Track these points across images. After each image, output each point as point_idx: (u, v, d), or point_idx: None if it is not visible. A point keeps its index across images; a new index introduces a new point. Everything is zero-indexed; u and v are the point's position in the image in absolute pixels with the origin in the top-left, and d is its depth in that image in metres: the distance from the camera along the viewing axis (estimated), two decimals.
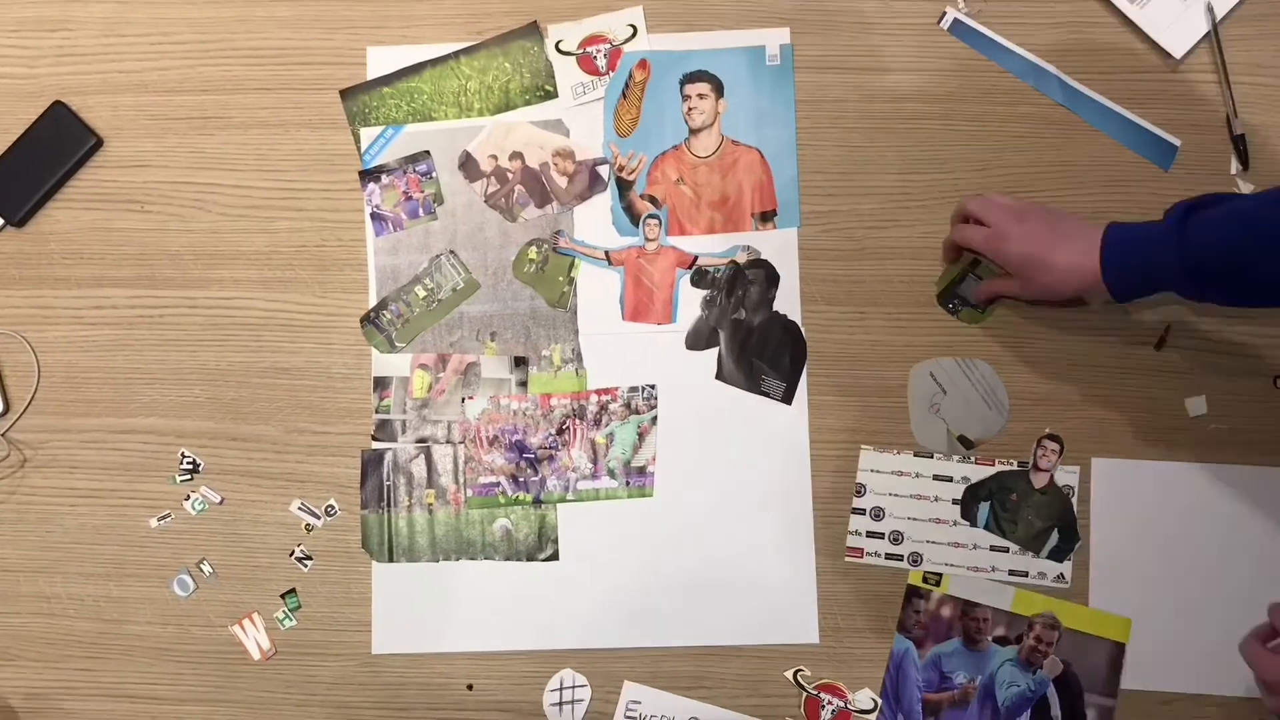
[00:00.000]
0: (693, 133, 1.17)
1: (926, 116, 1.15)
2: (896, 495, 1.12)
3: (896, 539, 1.12)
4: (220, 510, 1.15)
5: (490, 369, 1.15)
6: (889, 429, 1.13)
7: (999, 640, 1.10)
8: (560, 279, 1.16)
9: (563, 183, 1.17)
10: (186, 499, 1.15)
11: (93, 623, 1.15)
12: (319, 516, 1.15)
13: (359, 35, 1.18)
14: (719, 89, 1.16)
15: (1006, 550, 1.11)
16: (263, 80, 1.18)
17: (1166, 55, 1.14)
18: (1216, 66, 1.14)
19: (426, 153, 1.17)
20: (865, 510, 1.13)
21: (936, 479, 1.12)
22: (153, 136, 1.18)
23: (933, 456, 1.13)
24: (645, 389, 1.14)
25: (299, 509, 1.15)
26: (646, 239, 1.16)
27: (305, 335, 1.16)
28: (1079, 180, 1.14)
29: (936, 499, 1.12)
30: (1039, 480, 1.12)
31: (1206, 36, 1.14)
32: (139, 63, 1.19)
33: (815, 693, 1.11)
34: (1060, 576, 1.11)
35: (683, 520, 1.13)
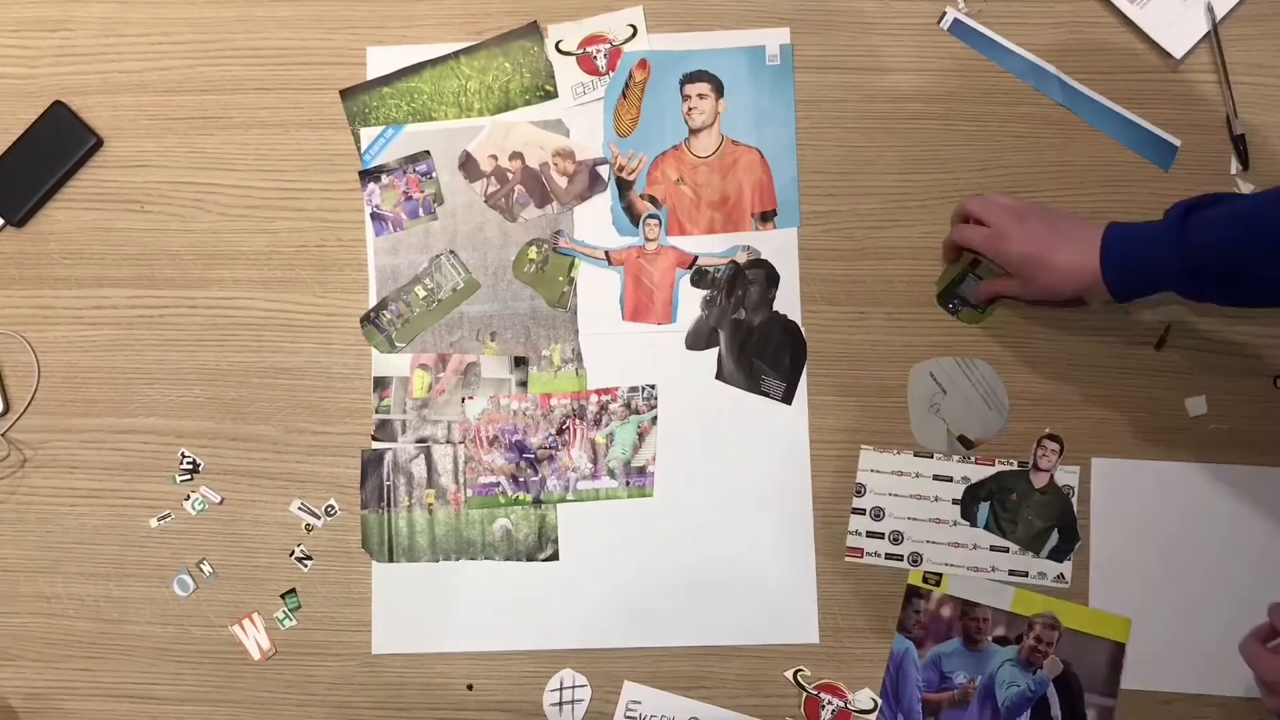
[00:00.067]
0: (693, 133, 1.16)
1: (926, 116, 1.15)
2: (896, 495, 1.12)
3: (896, 539, 1.12)
4: (220, 510, 1.15)
5: (490, 369, 1.15)
6: (889, 429, 1.13)
7: (999, 640, 1.10)
8: (560, 279, 1.16)
9: (563, 183, 1.17)
10: (186, 499, 1.15)
11: (93, 623, 1.15)
12: (319, 516, 1.15)
13: (359, 35, 1.18)
14: (719, 89, 1.16)
15: (1006, 550, 1.11)
16: (263, 80, 1.18)
17: (1166, 55, 1.14)
18: (1216, 66, 1.14)
19: (426, 153, 1.17)
20: (865, 510, 1.13)
21: (936, 479, 1.12)
22: (153, 136, 1.18)
23: (933, 456, 1.13)
24: (645, 389, 1.14)
25: (299, 509, 1.15)
26: (646, 239, 1.16)
27: (305, 335, 1.16)
28: (1079, 180, 1.14)
29: (936, 499, 1.12)
30: (1039, 480, 1.12)
31: (1206, 36, 1.14)
32: (139, 63, 1.19)
33: (815, 693, 1.11)
34: (1060, 576, 1.11)
35: (683, 520, 1.13)
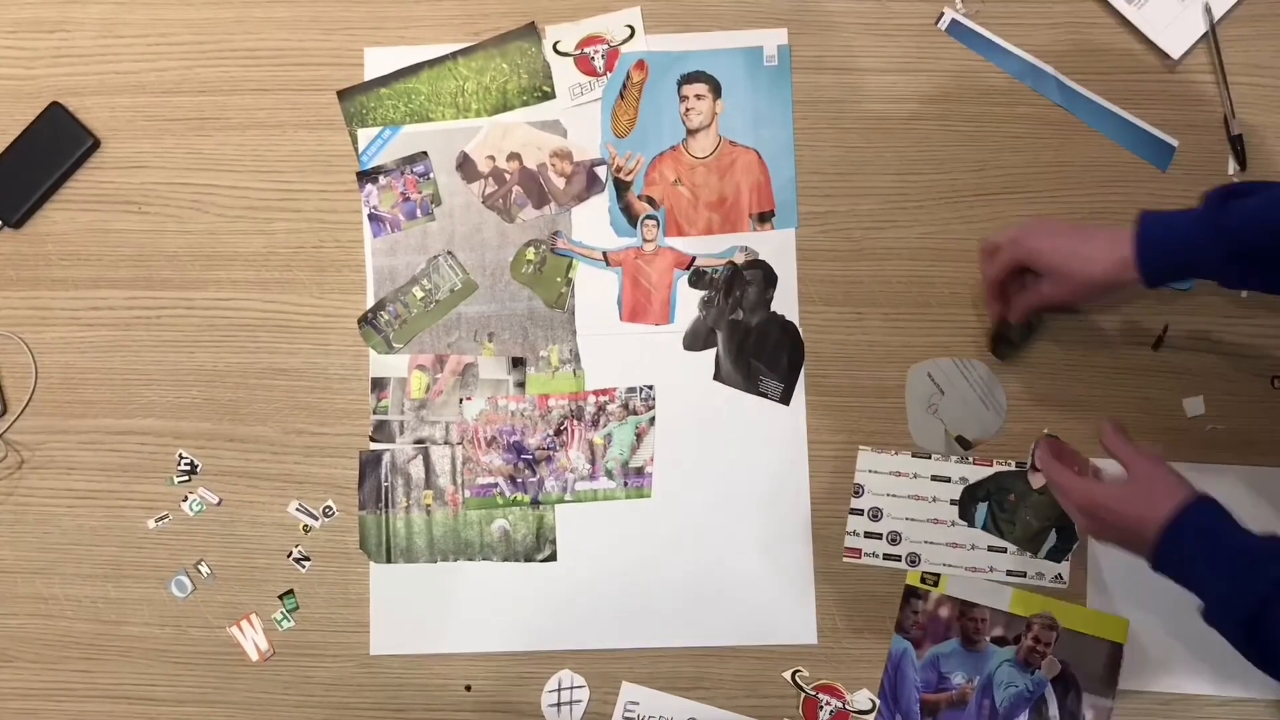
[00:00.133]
0: (690, 133, 1.16)
1: (924, 117, 1.15)
2: (894, 496, 1.12)
3: (894, 539, 1.12)
4: (218, 511, 1.15)
5: (488, 370, 1.15)
6: (887, 429, 1.13)
7: (997, 640, 1.10)
8: (558, 280, 1.16)
9: (560, 183, 1.17)
10: (184, 500, 1.15)
11: (90, 624, 1.15)
12: (317, 517, 1.15)
13: (356, 36, 1.18)
14: (716, 90, 1.16)
15: (1004, 550, 1.11)
16: (260, 81, 1.18)
17: (1164, 56, 1.14)
18: (1214, 67, 1.14)
19: (424, 153, 1.17)
20: (863, 511, 1.12)
21: (934, 479, 1.12)
22: (150, 137, 1.18)
23: (931, 457, 1.13)
24: (643, 390, 1.14)
25: (297, 510, 1.15)
26: (644, 240, 1.16)
27: (303, 336, 1.16)
28: (1076, 180, 1.14)
29: (934, 499, 1.12)
30: (1037, 480, 1.11)
31: (1204, 37, 1.14)
32: (136, 64, 1.18)
33: (813, 693, 1.11)
34: (1058, 577, 1.11)
35: (681, 521, 1.13)
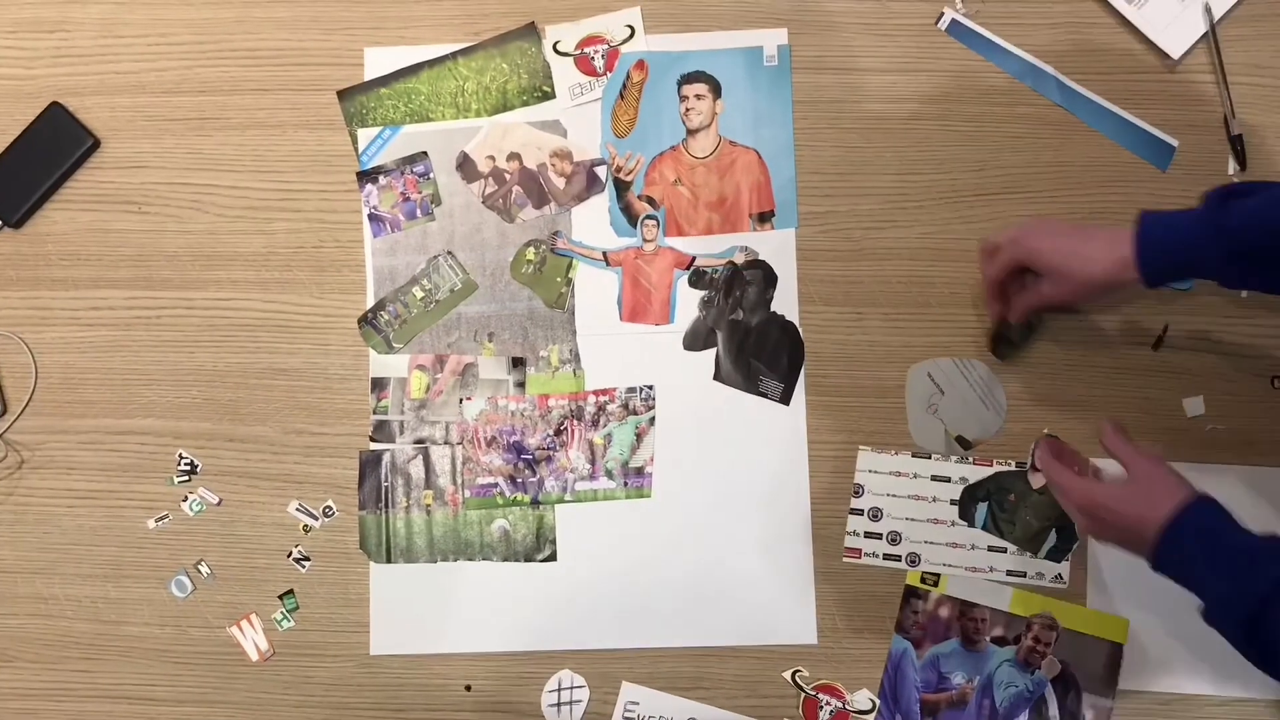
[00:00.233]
0: (690, 133, 1.16)
1: (924, 117, 1.15)
2: (894, 496, 1.12)
3: (894, 539, 1.12)
4: (218, 511, 1.15)
5: (488, 370, 1.15)
6: (887, 429, 1.13)
7: (997, 640, 1.10)
8: (558, 280, 1.16)
9: (560, 183, 1.17)
10: (184, 500, 1.15)
11: (90, 624, 1.15)
12: (317, 517, 1.15)
13: (356, 36, 1.18)
14: (716, 90, 1.16)
15: (1004, 550, 1.11)
16: (260, 81, 1.18)
17: (1164, 56, 1.14)
18: (1214, 67, 1.14)
19: (424, 153, 1.17)
20: (863, 511, 1.12)
21: (934, 479, 1.12)
22: (150, 137, 1.18)
23: (931, 457, 1.13)
24: (643, 390, 1.14)
25: (297, 510, 1.15)
26: (644, 240, 1.16)
27: (303, 336, 1.16)
28: (1076, 181, 1.14)
29: (934, 499, 1.12)
30: (1037, 480, 1.11)
31: (1204, 37, 1.14)
32: (136, 64, 1.18)
33: (813, 693, 1.11)
34: (1058, 577, 1.11)
35: (681, 521, 1.13)
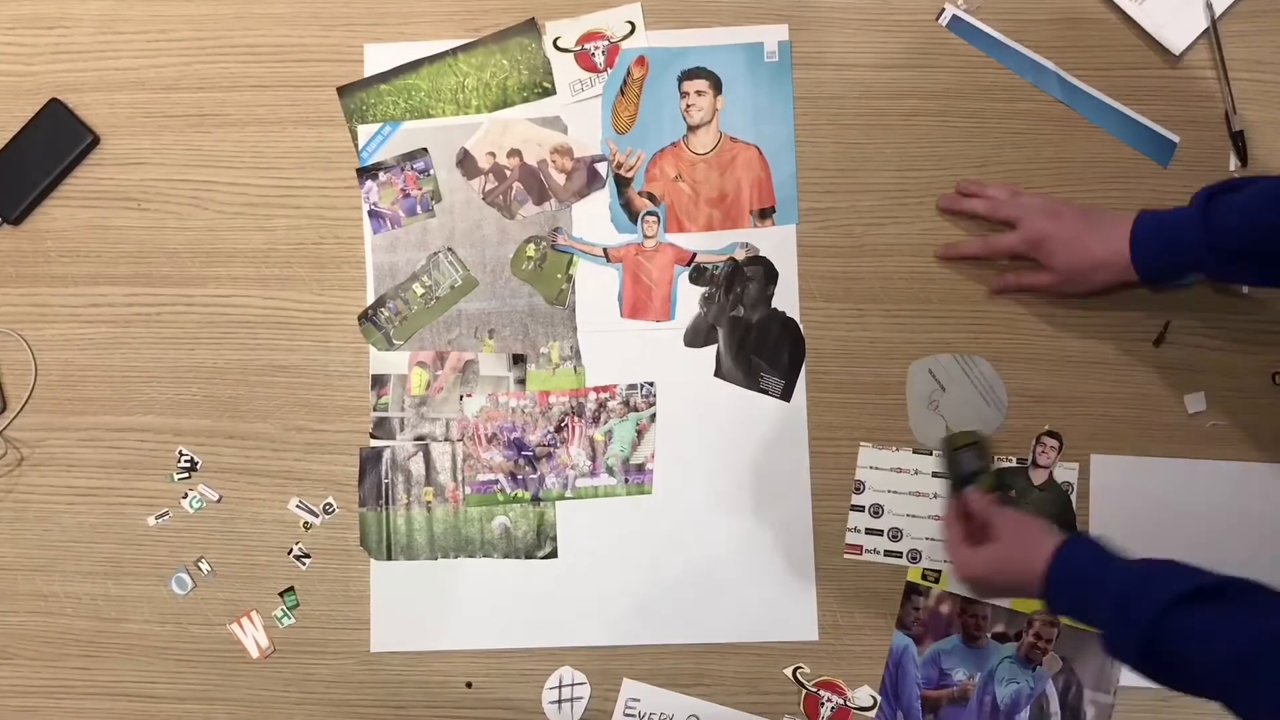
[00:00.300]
0: (691, 130, 1.16)
1: (925, 113, 1.15)
2: (895, 492, 1.12)
3: (895, 536, 1.12)
4: (218, 508, 1.15)
5: (488, 366, 1.15)
6: (888, 426, 1.13)
7: (998, 637, 1.10)
8: (558, 276, 1.16)
9: (561, 180, 1.17)
10: (184, 497, 1.15)
11: (90, 621, 1.15)
12: (317, 514, 1.15)
13: (356, 32, 1.18)
14: (717, 86, 1.16)
15: None
16: (260, 77, 1.18)
17: (1165, 51, 1.14)
18: (1215, 63, 1.14)
19: (424, 150, 1.17)
20: (864, 507, 1.12)
21: (936, 476, 1.12)
22: (149, 134, 1.18)
23: (932, 453, 1.12)
24: (644, 386, 1.14)
25: (297, 507, 1.15)
26: (645, 236, 1.16)
27: (303, 333, 1.16)
28: (1077, 177, 1.14)
29: (936, 496, 1.12)
30: (1038, 477, 1.11)
31: (1205, 33, 1.14)
32: (136, 60, 1.18)
33: (815, 690, 1.11)
34: None
35: (681, 517, 1.13)
